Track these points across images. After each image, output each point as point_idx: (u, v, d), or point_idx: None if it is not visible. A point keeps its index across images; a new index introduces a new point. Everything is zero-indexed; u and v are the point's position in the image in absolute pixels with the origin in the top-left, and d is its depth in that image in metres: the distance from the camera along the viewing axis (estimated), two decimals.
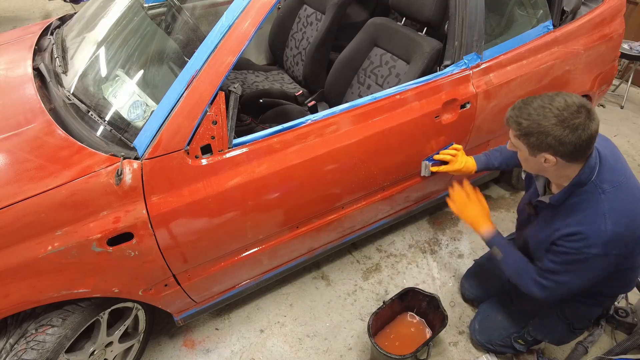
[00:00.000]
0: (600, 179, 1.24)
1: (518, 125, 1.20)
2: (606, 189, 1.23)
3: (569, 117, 1.13)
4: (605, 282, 1.43)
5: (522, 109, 1.20)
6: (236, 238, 1.49)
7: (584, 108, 1.14)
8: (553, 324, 1.61)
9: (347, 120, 1.54)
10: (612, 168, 1.26)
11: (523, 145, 1.23)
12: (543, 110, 1.16)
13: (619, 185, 1.24)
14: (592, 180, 1.24)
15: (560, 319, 1.59)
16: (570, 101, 1.15)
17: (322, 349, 1.83)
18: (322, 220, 1.72)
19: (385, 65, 1.98)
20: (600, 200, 1.22)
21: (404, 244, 2.30)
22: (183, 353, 1.80)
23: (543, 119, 1.15)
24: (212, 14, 2.15)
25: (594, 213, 1.23)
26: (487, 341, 1.75)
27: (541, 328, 1.63)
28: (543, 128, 1.15)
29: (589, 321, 1.60)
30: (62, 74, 1.53)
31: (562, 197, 1.31)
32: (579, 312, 1.57)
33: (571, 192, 1.28)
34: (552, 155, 1.19)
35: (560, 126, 1.13)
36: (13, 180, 1.17)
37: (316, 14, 2.41)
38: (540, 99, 1.19)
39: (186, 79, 1.22)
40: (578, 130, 1.12)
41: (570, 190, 1.28)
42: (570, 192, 1.28)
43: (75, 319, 1.29)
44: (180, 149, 1.24)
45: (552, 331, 1.62)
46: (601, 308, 1.60)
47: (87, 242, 1.18)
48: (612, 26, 2.20)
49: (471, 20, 1.70)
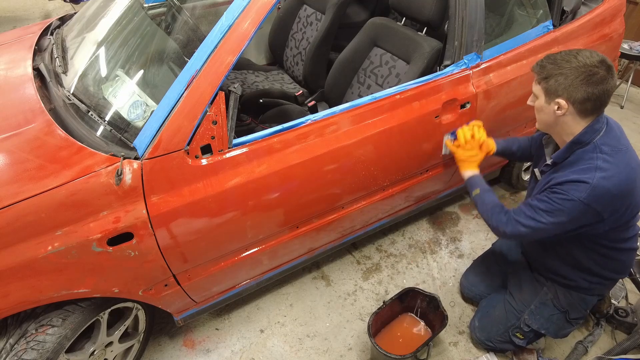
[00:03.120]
0: (601, 141, 1.31)
1: (542, 68, 1.30)
2: (604, 150, 1.30)
3: (590, 66, 1.22)
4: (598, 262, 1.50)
5: (550, 57, 1.31)
6: (236, 238, 1.49)
7: (605, 64, 1.24)
8: (548, 313, 1.63)
9: (347, 120, 1.54)
10: (616, 137, 1.34)
11: (541, 90, 1.31)
12: (568, 56, 1.27)
13: (618, 151, 1.31)
14: (594, 142, 1.31)
15: (555, 307, 1.62)
16: (594, 56, 1.25)
17: (322, 349, 1.83)
18: (322, 220, 1.72)
19: (385, 65, 1.99)
20: (596, 157, 1.30)
21: (404, 244, 2.30)
22: (183, 353, 1.80)
23: (566, 63, 1.25)
24: (212, 14, 2.16)
25: (587, 165, 1.30)
26: (487, 338, 1.76)
27: (537, 317, 1.65)
28: (563, 70, 1.25)
29: (584, 310, 1.63)
30: (62, 74, 1.53)
31: (562, 154, 1.38)
32: (573, 300, 1.60)
33: (572, 151, 1.36)
34: (565, 101, 1.27)
35: (579, 71, 1.23)
36: (13, 180, 1.17)
37: (316, 14, 2.41)
38: (569, 51, 1.29)
39: (186, 79, 1.22)
40: (594, 79, 1.22)
41: (571, 148, 1.36)
42: (570, 150, 1.36)
43: (75, 319, 1.29)
44: (180, 149, 1.24)
45: (548, 320, 1.64)
46: (596, 297, 1.63)
47: (87, 242, 1.18)
48: (612, 26, 2.21)
49: (471, 20, 1.70)
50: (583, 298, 1.60)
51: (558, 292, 1.62)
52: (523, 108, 2.02)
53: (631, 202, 1.34)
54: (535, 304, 1.66)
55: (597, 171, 1.27)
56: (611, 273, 1.56)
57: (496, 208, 1.52)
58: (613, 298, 1.97)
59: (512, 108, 1.96)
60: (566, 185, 1.31)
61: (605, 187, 1.26)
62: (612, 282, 1.64)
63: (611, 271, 1.55)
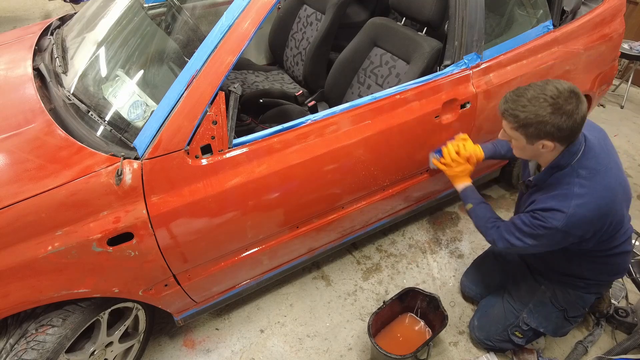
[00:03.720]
0: (579, 164, 1.31)
1: (515, 117, 1.26)
2: (582, 174, 1.30)
3: (563, 104, 1.20)
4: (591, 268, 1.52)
5: (517, 101, 1.26)
6: (236, 238, 1.49)
7: (574, 92, 1.21)
8: (547, 312, 1.64)
9: (347, 120, 1.54)
10: (595, 157, 1.33)
11: (521, 135, 1.29)
12: (537, 100, 1.22)
13: (595, 173, 1.30)
14: (571, 165, 1.32)
15: (554, 306, 1.63)
16: (561, 87, 1.21)
17: (322, 349, 1.83)
18: (322, 220, 1.72)
19: (385, 65, 1.99)
20: (573, 183, 1.30)
21: (404, 244, 2.30)
22: (183, 353, 1.80)
23: (539, 109, 1.21)
24: (212, 14, 2.16)
25: (564, 191, 1.31)
26: (486, 337, 1.76)
27: (535, 315, 1.65)
28: (541, 118, 1.21)
29: (583, 309, 1.64)
30: (62, 74, 1.53)
31: (542, 177, 1.40)
32: (571, 298, 1.61)
33: (551, 174, 1.37)
34: (550, 141, 1.26)
35: (557, 114, 1.20)
36: (13, 180, 1.17)
37: (316, 14, 2.41)
38: (532, 89, 1.24)
39: (186, 79, 1.22)
40: (573, 115, 1.20)
41: (549, 172, 1.37)
42: (550, 174, 1.37)
43: (76, 319, 1.29)
44: (180, 149, 1.24)
45: (546, 319, 1.64)
46: (594, 296, 1.64)
47: (87, 242, 1.18)
48: (612, 26, 2.20)
49: (471, 20, 1.70)
50: (581, 296, 1.61)
51: (556, 290, 1.63)
52: None
53: (612, 220, 1.34)
54: (534, 302, 1.66)
55: (573, 199, 1.28)
56: (607, 276, 1.58)
57: (488, 223, 1.55)
58: (613, 298, 1.97)
59: None
60: (545, 212, 1.32)
61: (582, 214, 1.28)
62: (609, 282, 1.65)
63: (606, 274, 1.57)
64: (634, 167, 2.93)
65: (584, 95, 2.27)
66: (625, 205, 1.38)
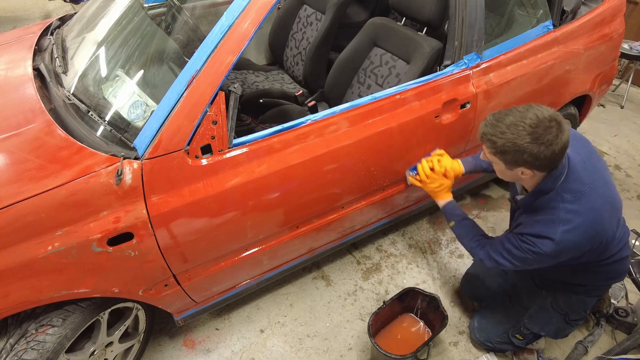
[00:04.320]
0: (562, 188, 1.28)
1: (493, 144, 1.23)
2: (566, 198, 1.28)
3: (542, 133, 1.16)
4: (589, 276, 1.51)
5: (495, 127, 1.22)
6: (236, 238, 1.49)
7: (555, 121, 1.17)
8: (548, 316, 1.63)
9: (347, 120, 1.54)
10: (578, 178, 1.30)
11: (499, 160, 1.27)
12: (516, 128, 1.18)
13: (580, 196, 1.28)
14: (555, 189, 1.29)
15: (555, 310, 1.62)
16: (542, 116, 1.17)
17: (322, 349, 1.83)
18: (322, 220, 1.72)
19: (385, 65, 1.98)
20: (559, 207, 1.28)
21: (404, 244, 2.30)
22: (183, 353, 1.80)
23: (517, 137, 1.18)
24: (212, 14, 2.16)
25: (550, 216, 1.29)
26: (487, 339, 1.76)
27: (537, 320, 1.64)
28: (519, 147, 1.18)
29: (584, 312, 1.62)
30: (62, 74, 1.53)
31: (528, 201, 1.39)
32: (572, 302, 1.60)
33: (535, 198, 1.35)
34: (529, 169, 1.24)
35: (535, 143, 1.16)
36: (13, 180, 1.17)
37: (316, 14, 2.41)
38: (512, 115, 1.20)
39: (186, 79, 1.22)
40: (552, 145, 1.16)
41: (534, 196, 1.35)
42: (534, 198, 1.35)
43: (76, 319, 1.29)
44: (180, 149, 1.24)
45: (547, 323, 1.64)
46: (595, 299, 1.63)
47: (87, 242, 1.18)
48: (612, 26, 2.20)
49: (471, 20, 1.70)
50: (582, 300, 1.60)
51: (557, 295, 1.62)
52: None
53: (602, 240, 1.33)
54: (535, 307, 1.65)
55: (560, 225, 1.26)
56: (606, 281, 1.57)
57: (473, 242, 1.54)
58: (613, 298, 1.97)
59: None
60: (533, 237, 1.31)
61: (570, 240, 1.27)
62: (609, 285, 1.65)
63: (606, 280, 1.56)
64: (634, 167, 2.93)
65: (584, 95, 2.30)
66: (614, 220, 1.36)
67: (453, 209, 1.64)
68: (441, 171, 1.63)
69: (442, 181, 1.64)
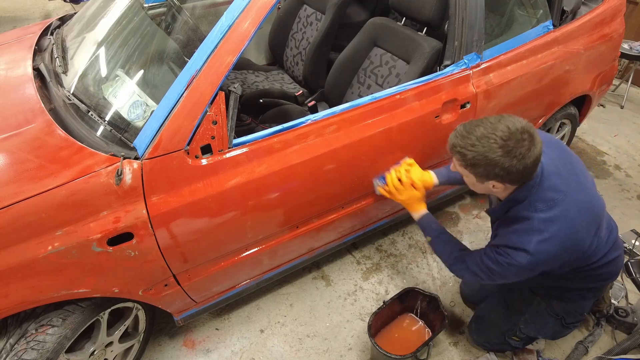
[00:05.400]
0: (535, 197, 1.25)
1: (463, 156, 1.19)
2: (539, 207, 1.24)
3: (514, 147, 1.12)
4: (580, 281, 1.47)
5: (465, 139, 1.18)
6: (236, 238, 1.49)
7: (527, 133, 1.13)
8: (544, 321, 1.61)
9: (347, 120, 1.53)
10: (552, 186, 1.25)
11: (470, 173, 1.23)
12: (487, 140, 1.14)
13: (553, 204, 1.23)
14: (528, 198, 1.25)
15: (550, 315, 1.59)
16: (514, 128, 1.13)
17: (322, 349, 1.83)
18: (322, 220, 1.72)
19: (385, 65, 1.98)
20: (532, 217, 1.24)
21: (404, 244, 2.30)
22: (183, 353, 1.80)
23: (489, 150, 1.14)
24: (212, 14, 2.16)
25: (525, 227, 1.25)
26: (485, 340, 1.76)
27: (532, 325, 1.63)
28: (490, 160, 1.14)
29: (581, 315, 1.60)
30: (62, 74, 1.53)
31: (500, 211, 1.36)
32: (567, 307, 1.57)
33: (507, 208, 1.31)
34: (500, 183, 1.21)
35: (507, 157, 1.13)
36: (13, 180, 1.17)
37: (316, 14, 2.41)
38: (484, 127, 1.16)
39: (186, 79, 1.22)
40: (525, 158, 1.13)
41: (506, 206, 1.32)
42: (506, 208, 1.32)
43: (76, 319, 1.29)
44: (180, 149, 1.24)
45: (543, 327, 1.62)
46: (591, 301, 1.59)
47: (87, 242, 1.18)
48: (612, 26, 2.21)
49: (471, 20, 1.70)
50: (578, 304, 1.57)
51: (551, 301, 1.59)
52: (523, 109, 2.02)
53: (581, 248, 1.28)
54: (530, 313, 1.62)
55: (534, 234, 1.23)
56: (598, 282, 1.51)
57: (451, 258, 1.50)
58: (613, 298, 1.97)
59: (512, 108, 1.96)
60: (508, 249, 1.27)
61: (546, 250, 1.22)
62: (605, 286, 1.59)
63: (598, 281, 1.50)
64: (634, 167, 2.93)
65: (584, 95, 2.30)
66: (593, 227, 1.30)
67: (428, 222, 1.60)
68: (408, 182, 1.60)
69: (410, 193, 1.60)
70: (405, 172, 1.61)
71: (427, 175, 1.65)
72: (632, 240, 2.26)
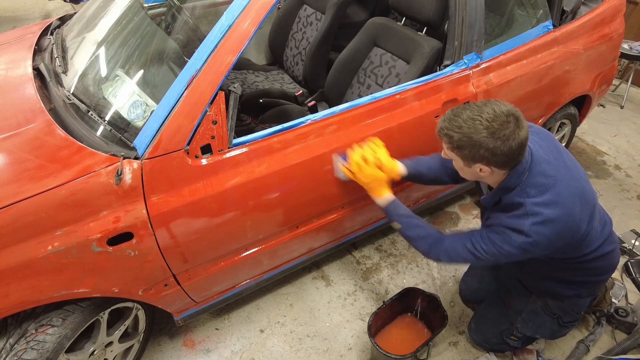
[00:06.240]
0: (526, 184, 1.25)
1: (450, 138, 1.21)
2: (530, 193, 1.24)
3: (499, 128, 1.14)
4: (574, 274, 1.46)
5: (452, 121, 1.20)
6: (236, 238, 1.49)
7: (513, 116, 1.15)
8: (541, 320, 1.60)
9: (347, 120, 1.54)
10: (542, 171, 1.26)
11: (457, 156, 1.24)
12: (473, 122, 1.16)
13: (545, 190, 1.24)
14: (519, 185, 1.26)
15: (546, 313, 1.59)
16: (499, 110, 1.15)
17: (322, 349, 1.83)
18: (322, 220, 1.72)
19: (385, 65, 1.99)
20: (525, 203, 1.24)
21: (404, 244, 2.30)
22: (183, 353, 1.80)
23: (474, 132, 1.15)
24: (212, 14, 2.16)
25: (518, 214, 1.25)
26: (484, 340, 1.76)
27: (529, 324, 1.62)
28: (474, 141, 1.16)
29: (577, 314, 1.60)
30: (62, 74, 1.53)
31: (491, 200, 1.36)
32: (564, 306, 1.57)
33: (499, 196, 1.32)
34: (486, 166, 1.21)
35: (492, 138, 1.14)
36: (13, 180, 1.17)
37: (316, 13, 2.41)
38: (470, 110, 1.18)
39: (186, 78, 1.22)
40: (509, 140, 1.14)
41: (498, 194, 1.32)
42: (498, 195, 1.32)
43: (75, 319, 1.29)
44: (180, 149, 1.24)
45: (541, 327, 1.62)
46: (588, 298, 1.59)
47: (87, 242, 1.18)
48: (612, 26, 2.21)
49: (471, 20, 1.70)
50: (574, 302, 1.56)
51: (547, 299, 1.58)
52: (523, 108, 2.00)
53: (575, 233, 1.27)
54: (526, 312, 1.62)
55: (528, 218, 1.23)
56: (594, 277, 1.50)
57: (425, 244, 1.43)
58: (613, 297, 1.97)
59: None
60: (503, 228, 1.27)
61: (540, 232, 1.22)
62: (600, 283, 1.58)
63: (592, 276, 1.49)
64: (634, 167, 2.93)
65: (584, 95, 2.30)
66: (586, 213, 1.29)
67: (396, 208, 1.50)
68: (373, 162, 1.48)
69: (375, 173, 1.47)
70: (371, 151, 1.50)
71: (393, 162, 1.54)
72: (632, 240, 2.26)
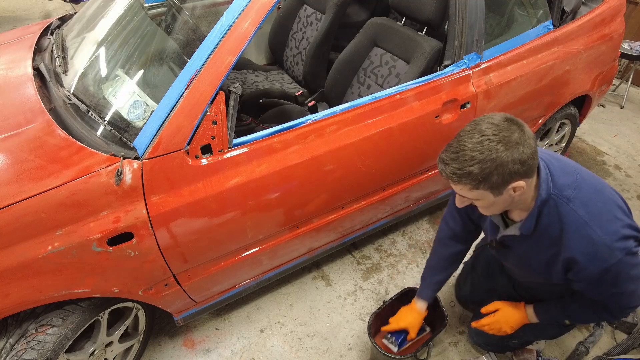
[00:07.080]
0: (558, 189, 1.15)
1: (470, 175, 1.05)
2: (569, 196, 1.15)
3: (508, 135, 1.04)
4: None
5: (460, 158, 1.06)
6: (236, 238, 1.49)
7: (507, 119, 1.07)
8: (540, 326, 1.56)
9: (347, 120, 1.54)
10: (561, 169, 1.18)
11: (485, 191, 1.09)
12: (482, 145, 1.03)
13: (577, 185, 1.16)
14: (552, 193, 1.15)
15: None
16: (495, 121, 1.06)
17: (322, 348, 1.83)
18: (322, 220, 1.72)
19: (385, 65, 1.99)
20: (573, 212, 1.14)
21: (404, 244, 2.30)
22: (183, 353, 1.80)
23: (492, 152, 1.03)
24: (212, 14, 2.16)
25: (577, 229, 1.14)
26: (484, 342, 1.75)
27: (529, 331, 1.59)
28: (499, 162, 1.03)
29: None
30: (62, 74, 1.53)
31: (531, 223, 1.21)
32: None
33: (539, 215, 1.19)
34: (521, 179, 1.08)
35: (511, 148, 1.03)
36: (13, 180, 1.17)
37: (316, 14, 2.41)
38: (468, 137, 1.06)
39: (186, 78, 1.22)
40: (527, 141, 1.05)
41: (537, 213, 1.19)
42: (538, 215, 1.19)
43: (75, 319, 1.29)
44: (180, 149, 1.24)
45: (541, 331, 1.60)
46: None
47: (87, 242, 1.18)
48: (612, 26, 2.21)
49: (471, 20, 1.70)
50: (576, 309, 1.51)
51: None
52: (523, 109, 2.02)
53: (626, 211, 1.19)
54: None
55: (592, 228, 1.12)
56: None
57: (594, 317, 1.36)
58: None
59: (512, 108, 1.96)
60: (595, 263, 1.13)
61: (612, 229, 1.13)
62: None
63: None
64: (634, 167, 2.93)
65: (584, 95, 2.30)
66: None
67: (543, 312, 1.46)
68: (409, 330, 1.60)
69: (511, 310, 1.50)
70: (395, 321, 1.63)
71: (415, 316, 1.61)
72: None
